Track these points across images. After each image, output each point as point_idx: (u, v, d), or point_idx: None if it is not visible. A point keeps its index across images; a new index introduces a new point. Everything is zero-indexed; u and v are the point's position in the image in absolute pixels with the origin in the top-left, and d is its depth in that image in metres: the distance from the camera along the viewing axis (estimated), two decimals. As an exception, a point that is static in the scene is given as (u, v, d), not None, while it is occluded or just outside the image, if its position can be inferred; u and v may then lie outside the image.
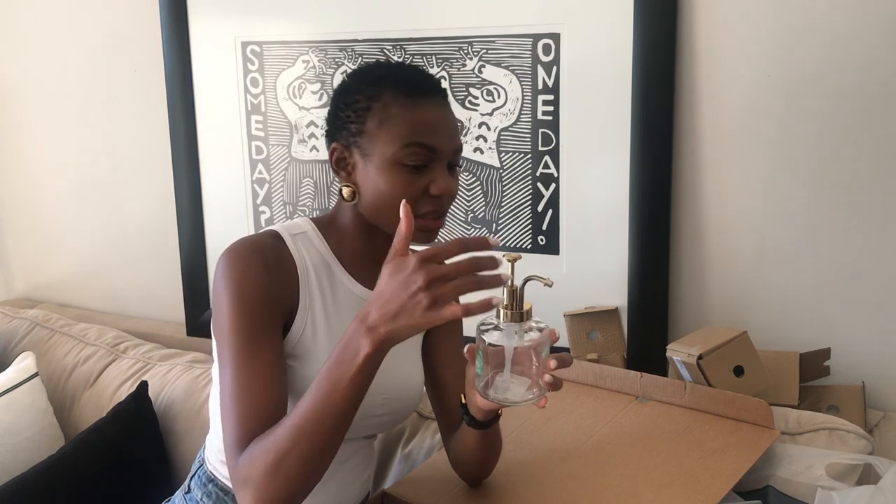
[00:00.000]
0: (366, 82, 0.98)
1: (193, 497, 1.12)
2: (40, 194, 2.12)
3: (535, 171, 1.49)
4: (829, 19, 1.27)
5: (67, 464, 1.43)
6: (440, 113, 0.97)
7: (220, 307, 0.95)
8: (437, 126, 0.96)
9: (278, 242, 1.00)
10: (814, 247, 1.35)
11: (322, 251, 1.03)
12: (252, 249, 0.96)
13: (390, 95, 0.95)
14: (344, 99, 0.99)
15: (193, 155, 1.80)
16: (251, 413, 0.90)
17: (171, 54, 1.77)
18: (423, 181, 0.95)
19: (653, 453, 1.10)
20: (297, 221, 1.06)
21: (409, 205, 0.85)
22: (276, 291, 0.96)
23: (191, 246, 1.84)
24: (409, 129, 0.94)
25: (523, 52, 1.46)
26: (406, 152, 0.94)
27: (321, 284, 1.02)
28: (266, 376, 0.92)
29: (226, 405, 0.93)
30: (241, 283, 0.94)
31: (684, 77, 1.37)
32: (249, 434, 0.89)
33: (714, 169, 1.39)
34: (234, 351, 0.93)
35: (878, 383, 1.34)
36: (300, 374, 0.98)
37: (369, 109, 0.96)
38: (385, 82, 0.97)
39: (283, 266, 0.99)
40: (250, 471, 0.86)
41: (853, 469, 1.09)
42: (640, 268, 1.43)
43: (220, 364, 0.95)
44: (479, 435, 0.99)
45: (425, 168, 0.95)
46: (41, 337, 1.85)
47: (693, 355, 1.20)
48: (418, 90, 0.96)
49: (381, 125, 0.95)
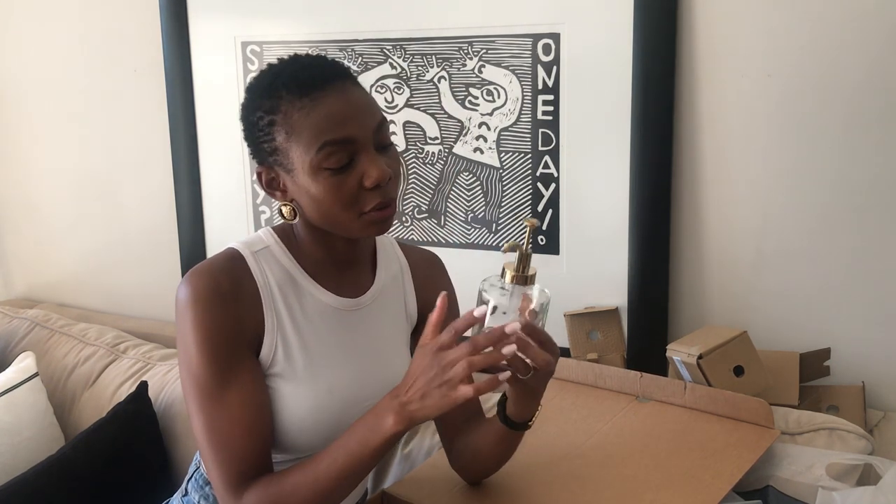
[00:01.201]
0: (261, 95, 0.92)
1: (190, 500, 1.11)
2: (40, 194, 2.12)
3: (535, 171, 1.49)
4: (828, 19, 1.27)
5: (67, 464, 1.43)
6: (343, 99, 0.90)
7: (185, 346, 0.94)
8: (345, 115, 0.90)
9: (236, 264, 0.97)
10: (814, 246, 1.35)
11: (286, 264, 1.00)
12: (209, 283, 0.93)
13: (287, 102, 0.90)
14: (248, 118, 0.94)
15: (193, 155, 1.80)
16: (238, 458, 0.92)
17: (171, 54, 1.77)
18: (353, 177, 0.90)
19: (653, 453, 1.10)
20: (259, 235, 1.02)
21: (443, 300, 0.87)
22: (238, 322, 0.95)
23: (191, 246, 1.84)
24: (316, 131, 0.89)
25: (523, 52, 1.46)
26: (322, 155, 0.89)
27: (287, 300, 0.99)
28: (242, 416, 0.93)
29: (207, 450, 0.94)
30: (202, 323, 0.92)
31: (684, 77, 1.37)
32: (241, 476, 0.92)
33: (714, 168, 1.39)
34: (205, 395, 0.93)
35: (878, 383, 1.34)
36: (280, 393, 0.98)
37: (273, 124, 0.91)
38: (277, 89, 0.91)
39: (243, 292, 0.96)
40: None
41: (853, 469, 1.09)
42: (640, 268, 1.43)
43: (191, 403, 0.94)
44: (505, 435, 0.98)
45: (351, 163, 0.90)
46: (41, 337, 1.85)
47: (693, 355, 1.20)
48: (312, 85, 0.90)
49: (288, 137, 0.90)
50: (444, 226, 1.60)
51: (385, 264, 1.09)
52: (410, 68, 1.55)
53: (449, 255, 1.21)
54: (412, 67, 1.55)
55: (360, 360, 1.03)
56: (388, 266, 1.09)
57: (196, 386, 0.93)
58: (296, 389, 0.98)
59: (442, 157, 1.57)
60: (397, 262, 1.11)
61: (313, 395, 0.98)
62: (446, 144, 1.56)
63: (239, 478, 0.92)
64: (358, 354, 1.03)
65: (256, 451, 0.94)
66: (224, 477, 0.92)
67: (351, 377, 1.01)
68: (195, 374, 0.93)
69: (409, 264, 1.12)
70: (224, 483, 0.92)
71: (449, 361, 0.82)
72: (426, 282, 1.12)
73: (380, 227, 0.94)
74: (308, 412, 0.98)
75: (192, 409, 0.95)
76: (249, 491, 0.92)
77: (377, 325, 1.06)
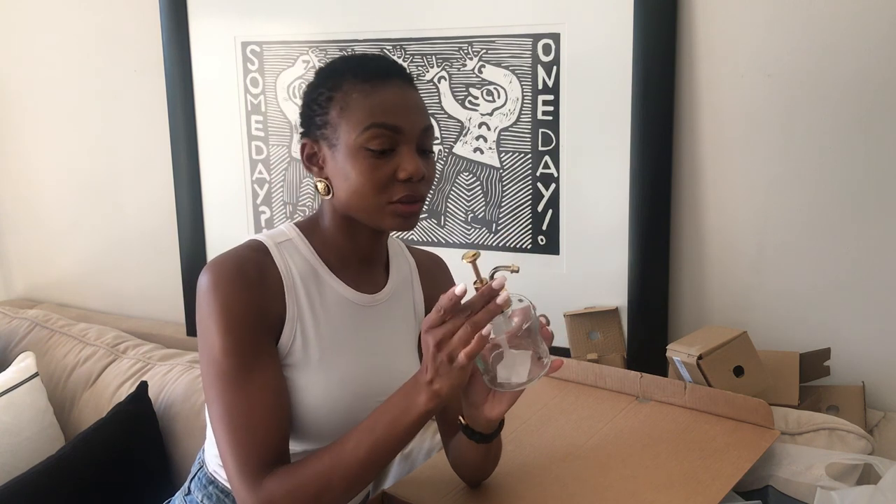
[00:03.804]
0: (328, 76, 0.98)
1: (194, 499, 1.11)
2: (40, 194, 2.12)
3: (535, 171, 1.49)
4: (828, 19, 1.27)
5: (67, 464, 1.43)
6: (401, 93, 0.96)
7: (207, 332, 0.93)
8: (399, 106, 0.94)
9: (260, 255, 0.98)
10: (814, 247, 1.35)
11: (308, 257, 1.02)
12: (233, 269, 0.94)
13: (350, 83, 0.95)
14: (310, 95, 0.99)
15: (193, 155, 1.80)
16: (258, 444, 0.91)
17: (171, 54, 1.77)
18: (389, 166, 0.94)
19: (653, 453, 1.10)
20: (281, 228, 1.04)
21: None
22: (263, 309, 0.95)
23: (191, 246, 1.84)
24: (369, 112, 0.93)
25: (523, 52, 1.46)
26: (367, 135, 0.93)
27: (309, 292, 1.00)
28: (266, 403, 0.92)
29: (226, 437, 0.92)
30: (227, 308, 0.92)
31: (684, 77, 1.37)
32: (261, 463, 0.90)
33: (714, 169, 1.39)
34: (228, 380, 0.92)
35: (878, 383, 1.34)
36: (294, 382, 0.98)
37: (331, 100, 0.96)
38: (345, 71, 0.96)
39: (267, 279, 0.97)
40: (285, 502, 0.88)
41: (853, 469, 1.09)
42: (640, 268, 1.43)
43: (212, 389, 0.93)
44: (481, 447, 0.98)
45: (392, 152, 0.94)
46: (41, 337, 1.85)
47: (693, 355, 1.20)
48: (377, 74, 0.95)
49: (342, 113, 0.94)
50: (444, 226, 1.60)
51: (397, 265, 1.11)
52: (410, 68, 1.55)
53: (449, 255, 1.21)
54: (412, 67, 1.55)
55: (371, 356, 1.04)
56: (399, 267, 1.12)
57: (217, 372, 0.92)
58: (310, 380, 0.98)
59: (442, 157, 1.57)
60: (407, 263, 1.14)
61: (325, 386, 0.98)
62: (446, 144, 1.56)
63: (259, 465, 0.90)
64: (370, 350, 1.04)
65: (277, 439, 0.92)
66: (242, 464, 0.90)
67: (362, 371, 1.02)
68: (216, 360, 0.92)
69: (417, 265, 1.14)
70: (242, 471, 0.90)
71: (444, 336, 0.83)
72: (432, 282, 1.14)
73: (404, 221, 0.96)
74: (321, 402, 0.98)
75: (211, 396, 0.93)
76: (270, 478, 0.89)
77: (390, 322, 1.07)
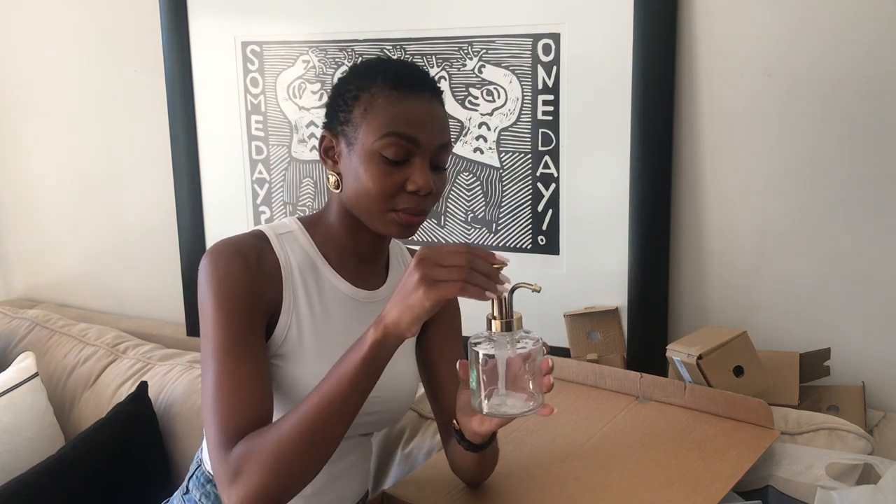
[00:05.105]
0: (360, 75, 0.99)
1: (192, 498, 1.11)
2: (40, 194, 2.12)
3: (535, 171, 1.49)
4: (828, 19, 1.27)
5: (67, 464, 1.43)
6: (426, 107, 0.96)
7: (203, 309, 0.95)
8: (420, 119, 0.95)
9: (261, 242, 1.00)
10: (814, 246, 1.35)
11: (308, 249, 1.03)
12: (233, 250, 0.96)
13: (379, 87, 0.95)
14: (338, 89, 1.00)
15: (193, 155, 1.80)
16: (238, 411, 0.90)
17: (171, 54, 1.77)
18: (401, 176, 0.94)
19: (653, 453, 1.10)
20: (284, 221, 1.06)
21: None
22: (257, 292, 0.96)
23: (191, 246, 1.84)
24: (391, 119, 0.94)
25: (523, 52, 1.46)
26: (385, 142, 0.93)
27: (306, 283, 1.01)
28: (251, 374, 0.92)
29: (210, 404, 0.92)
30: (222, 284, 0.94)
31: (684, 77, 1.37)
32: (238, 431, 0.89)
33: (714, 169, 1.39)
34: (218, 350, 0.93)
35: (878, 383, 1.34)
36: (287, 373, 0.99)
37: (357, 98, 0.96)
38: (376, 74, 0.97)
39: (266, 266, 0.98)
40: (245, 463, 0.86)
41: (853, 469, 1.09)
42: (640, 268, 1.43)
43: (204, 363, 0.95)
44: (476, 454, 0.98)
45: (405, 163, 0.95)
46: (41, 337, 1.85)
47: (693, 355, 1.20)
48: (407, 83, 0.96)
49: (365, 114, 0.95)
50: (444, 226, 1.60)
51: (396, 266, 1.12)
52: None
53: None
54: (412, 67, 1.55)
55: None
56: (398, 268, 1.13)
57: (210, 347, 0.93)
58: (304, 370, 0.98)
59: (442, 157, 1.56)
60: (406, 263, 1.14)
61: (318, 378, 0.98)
62: (446, 144, 1.56)
63: (237, 433, 0.89)
64: None
65: (258, 412, 0.91)
66: (223, 429, 0.90)
67: None
68: (209, 334, 0.93)
69: None
70: (221, 437, 0.89)
71: (433, 262, 0.81)
72: None
73: (402, 230, 0.97)
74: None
75: (203, 370, 0.94)
76: (240, 443, 0.88)
77: None
